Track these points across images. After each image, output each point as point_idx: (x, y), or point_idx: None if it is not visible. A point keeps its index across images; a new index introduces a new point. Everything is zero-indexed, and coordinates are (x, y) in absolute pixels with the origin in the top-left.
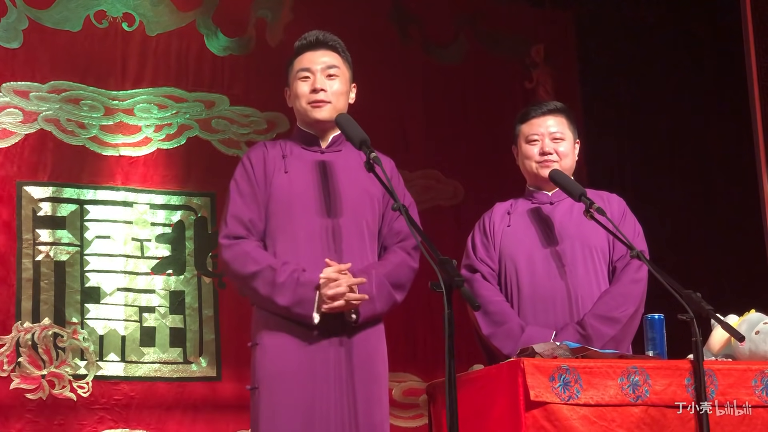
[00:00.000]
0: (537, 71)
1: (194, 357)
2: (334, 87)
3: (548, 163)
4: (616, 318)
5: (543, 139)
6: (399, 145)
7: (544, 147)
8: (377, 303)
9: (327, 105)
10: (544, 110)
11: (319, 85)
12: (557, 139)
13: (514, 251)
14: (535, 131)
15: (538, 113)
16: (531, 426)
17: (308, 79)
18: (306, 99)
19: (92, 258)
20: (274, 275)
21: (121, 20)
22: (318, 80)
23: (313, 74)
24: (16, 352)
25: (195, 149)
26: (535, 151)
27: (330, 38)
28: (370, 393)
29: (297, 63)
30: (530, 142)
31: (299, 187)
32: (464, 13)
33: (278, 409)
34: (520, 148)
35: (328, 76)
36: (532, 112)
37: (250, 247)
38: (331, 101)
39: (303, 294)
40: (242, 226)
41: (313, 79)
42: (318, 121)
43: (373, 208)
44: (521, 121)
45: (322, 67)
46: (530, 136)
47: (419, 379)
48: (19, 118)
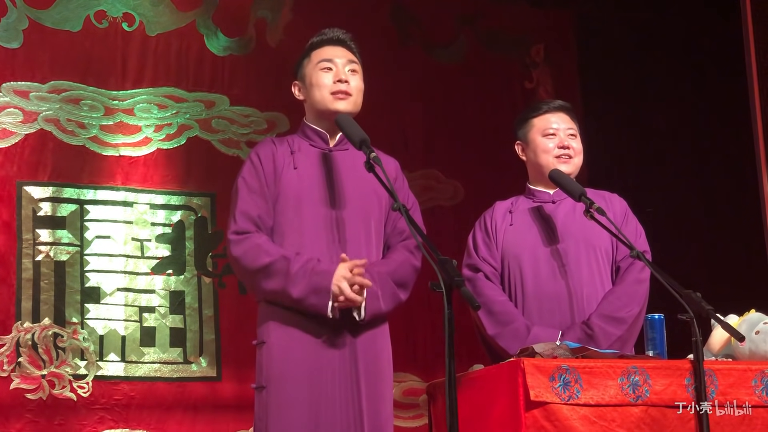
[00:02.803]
0: (537, 71)
1: (194, 357)
2: (355, 83)
3: (566, 157)
4: (622, 318)
5: (559, 133)
6: (399, 145)
7: (563, 141)
8: (382, 302)
9: (349, 98)
10: (557, 105)
11: (344, 76)
12: (572, 136)
13: (518, 250)
14: (551, 125)
15: (552, 108)
16: (531, 426)
17: (330, 71)
18: (328, 89)
19: (92, 258)
20: (288, 265)
21: (121, 20)
22: (342, 72)
23: (336, 66)
24: (16, 352)
25: (195, 149)
26: (551, 145)
27: (348, 39)
28: (376, 392)
29: (316, 55)
30: (547, 136)
31: (307, 182)
32: (464, 13)
33: (287, 408)
34: (532, 142)
35: (350, 71)
36: (544, 105)
37: (261, 240)
38: (352, 95)
39: (318, 283)
40: (251, 221)
41: (336, 70)
42: (337, 113)
43: (380, 207)
44: (532, 115)
45: (344, 61)
46: (547, 130)
47: (419, 379)
48: (19, 118)
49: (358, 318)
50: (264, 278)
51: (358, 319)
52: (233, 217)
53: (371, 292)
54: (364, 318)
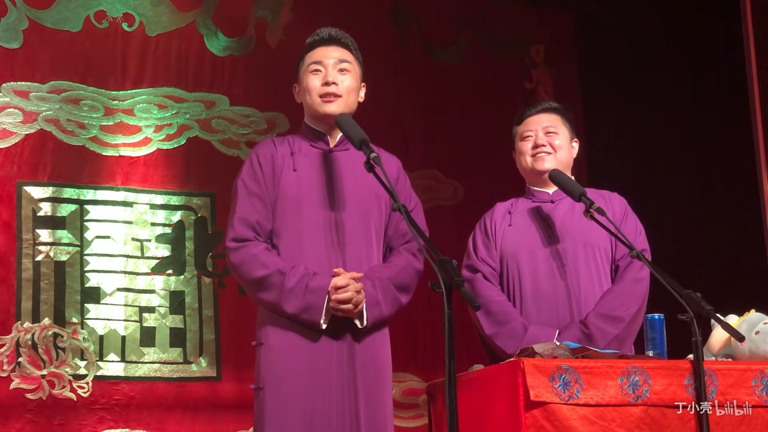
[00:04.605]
0: (537, 71)
1: (194, 357)
2: (346, 82)
3: (541, 154)
4: (620, 317)
5: (536, 133)
6: (399, 145)
7: (537, 140)
8: (383, 307)
9: (338, 99)
10: (538, 109)
11: (331, 78)
12: (550, 133)
13: (516, 250)
14: (528, 128)
15: (532, 112)
16: (531, 426)
17: (319, 73)
18: (317, 92)
19: (92, 258)
20: (283, 280)
21: (121, 20)
22: (330, 73)
23: (325, 68)
24: (16, 352)
25: (195, 149)
26: (528, 147)
27: (342, 35)
28: (374, 395)
29: (308, 57)
30: (524, 139)
31: (307, 183)
32: (464, 13)
33: (283, 409)
34: (517, 148)
35: (340, 70)
36: (526, 112)
37: (258, 250)
38: (341, 95)
39: (312, 301)
40: (249, 228)
41: (324, 72)
42: (327, 116)
43: (380, 208)
44: (517, 123)
45: (334, 61)
46: (524, 134)
47: (419, 379)
48: (19, 118)
49: (360, 326)
50: (259, 290)
51: (360, 327)
52: (231, 224)
53: (372, 298)
54: (366, 325)
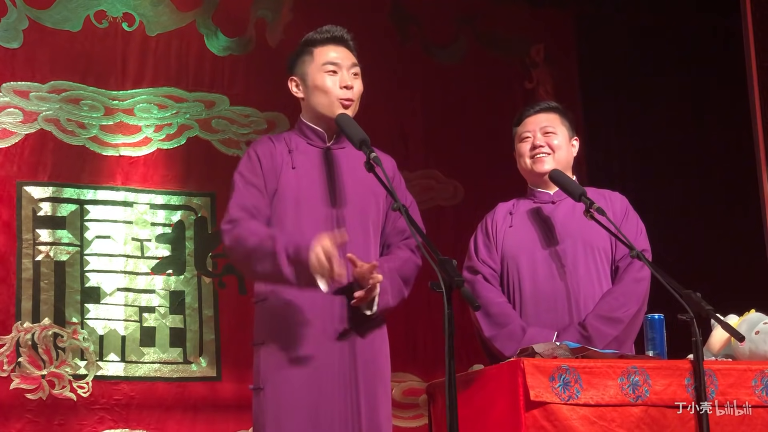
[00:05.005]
0: (537, 71)
1: (194, 357)
2: (357, 87)
3: (540, 155)
4: (618, 318)
5: (534, 134)
6: (399, 145)
7: (535, 141)
8: (390, 296)
9: (352, 104)
10: (536, 109)
11: (350, 81)
12: (548, 133)
13: (516, 252)
14: (527, 129)
15: (530, 113)
16: (531, 426)
17: (335, 74)
18: (336, 95)
19: (92, 258)
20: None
21: (121, 20)
22: (347, 77)
23: (341, 69)
24: (16, 352)
25: (195, 149)
26: (527, 148)
27: (350, 37)
28: (375, 392)
29: (320, 54)
30: (523, 140)
31: (306, 181)
32: (464, 13)
33: (284, 410)
34: (516, 150)
35: (353, 74)
36: (525, 113)
37: (251, 223)
38: (354, 100)
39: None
40: (244, 210)
41: (342, 75)
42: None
43: (377, 206)
44: (516, 124)
45: (348, 64)
46: (523, 135)
47: (419, 379)
48: (19, 118)
49: (370, 312)
50: (255, 262)
51: (369, 314)
52: (227, 210)
53: (382, 286)
54: (375, 312)
